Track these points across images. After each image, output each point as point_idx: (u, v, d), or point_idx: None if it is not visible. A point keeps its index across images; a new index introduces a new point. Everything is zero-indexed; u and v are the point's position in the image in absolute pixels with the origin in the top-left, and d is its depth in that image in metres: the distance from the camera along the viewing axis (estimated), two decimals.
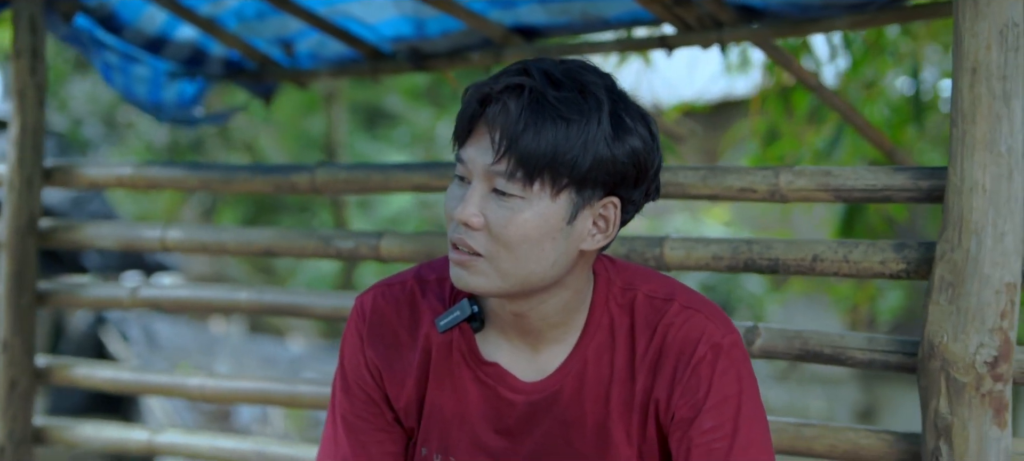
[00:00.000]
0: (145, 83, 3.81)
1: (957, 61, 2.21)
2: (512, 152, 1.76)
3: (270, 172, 3.02)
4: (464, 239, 1.83)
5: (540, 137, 1.75)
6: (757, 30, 2.99)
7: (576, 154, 1.77)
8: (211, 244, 3.08)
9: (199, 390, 3.16)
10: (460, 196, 1.84)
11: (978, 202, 2.18)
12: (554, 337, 1.96)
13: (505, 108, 1.76)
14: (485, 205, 1.81)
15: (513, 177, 1.78)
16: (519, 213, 1.80)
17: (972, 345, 2.20)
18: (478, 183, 1.81)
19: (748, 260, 2.49)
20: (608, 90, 1.82)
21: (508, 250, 1.82)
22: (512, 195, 1.79)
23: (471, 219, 1.81)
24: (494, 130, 1.76)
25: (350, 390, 2.07)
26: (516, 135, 1.75)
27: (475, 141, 1.80)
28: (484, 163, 1.79)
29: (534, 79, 1.77)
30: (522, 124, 1.75)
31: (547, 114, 1.76)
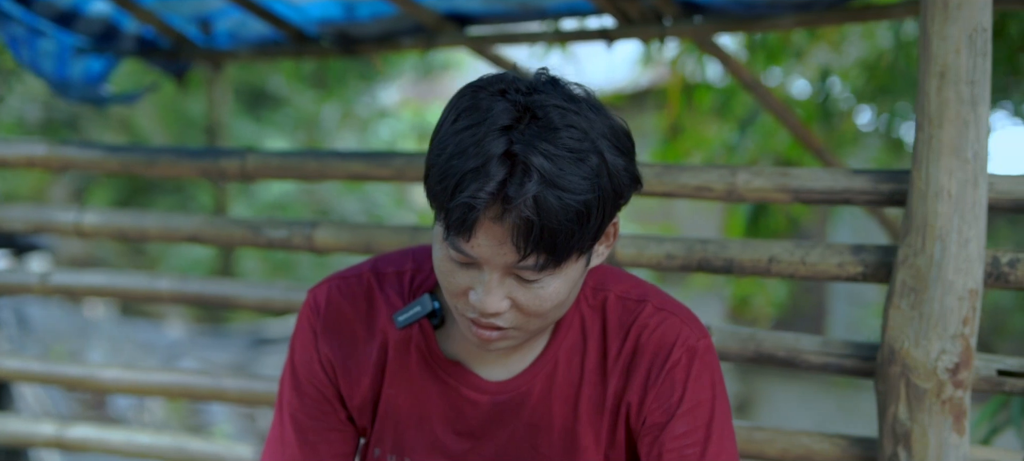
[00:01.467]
0: (51, 58, 3.64)
1: (924, 65, 2.19)
2: (539, 250, 1.62)
3: (198, 156, 2.88)
4: (493, 323, 1.73)
5: (562, 230, 1.61)
6: (698, 26, 2.96)
7: (597, 219, 1.65)
8: (131, 230, 2.93)
9: (115, 383, 3.01)
10: (469, 283, 1.70)
11: (943, 207, 2.17)
12: (530, 340, 1.89)
13: (520, 209, 1.58)
14: (509, 289, 1.70)
15: (542, 269, 1.66)
16: (549, 288, 1.70)
17: (934, 351, 2.19)
18: (495, 273, 1.68)
19: (702, 260, 2.45)
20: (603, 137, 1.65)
21: (541, 317, 1.74)
22: (542, 278, 1.69)
23: (499, 309, 1.70)
24: (513, 233, 1.61)
25: (301, 387, 1.98)
26: (540, 235, 1.60)
27: (485, 238, 1.63)
28: (505, 262, 1.65)
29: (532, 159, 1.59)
30: (540, 225, 1.59)
31: (565, 200, 1.60)
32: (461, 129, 1.62)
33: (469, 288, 1.71)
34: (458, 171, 1.60)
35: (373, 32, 3.34)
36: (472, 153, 1.60)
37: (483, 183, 1.58)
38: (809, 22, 2.84)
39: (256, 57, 3.61)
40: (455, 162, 1.60)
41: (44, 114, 12.83)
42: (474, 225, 1.61)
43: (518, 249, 1.62)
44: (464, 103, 1.66)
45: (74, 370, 3.06)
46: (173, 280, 2.96)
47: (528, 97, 1.64)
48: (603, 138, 1.65)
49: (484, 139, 1.60)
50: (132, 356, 9.52)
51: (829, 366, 2.38)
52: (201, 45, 3.63)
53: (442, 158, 1.63)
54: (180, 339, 11.06)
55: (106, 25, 3.57)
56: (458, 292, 1.72)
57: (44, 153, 3.00)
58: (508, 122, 1.61)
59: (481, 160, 1.59)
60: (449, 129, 1.64)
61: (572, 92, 1.68)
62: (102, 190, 14.09)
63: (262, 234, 2.80)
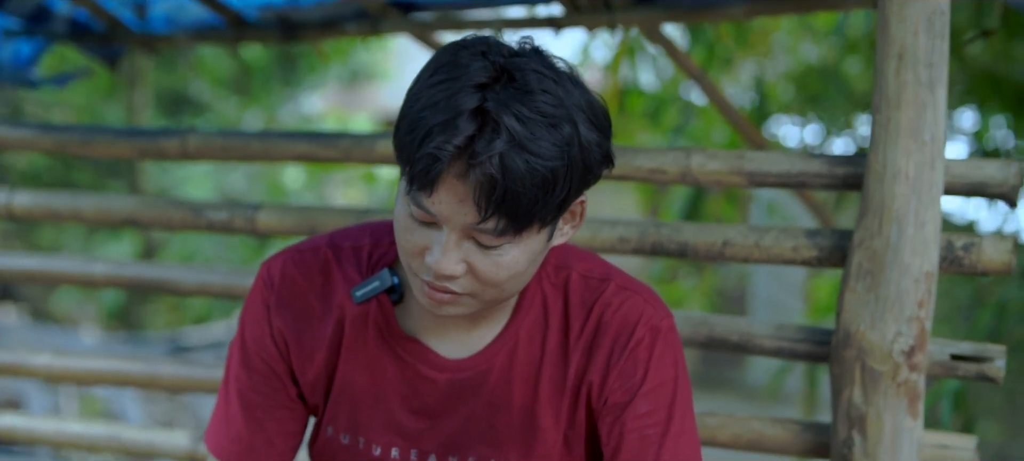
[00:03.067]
0: None
1: (882, 47, 2.19)
2: (499, 214, 1.60)
3: (136, 136, 2.80)
4: (447, 287, 1.69)
5: (526, 194, 1.58)
6: (647, 15, 2.94)
7: (563, 196, 1.63)
8: (64, 211, 2.83)
9: (46, 370, 2.92)
10: (427, 243, 1.67)
11: (900, 189, 2.17)
12: (488, 314, 1.85)
13: (484, 169, 1.56)
14: (466, 253, 1.66)
15: (502, 234, 1.63)
16: (507, 256, 1.67)
17: (890, 334, 2.18)
18: (454, 233, 1.64)
19: (656, 243, 2.43)
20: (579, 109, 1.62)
21: (496, 287, 1.70)
22: (500, 245, 1.65)
23: (454, 272, 1.66)
24: (475, 192, 1.58)
25: (250, 362, 1.93)
26: (501, 198, 1.58)
27: (447, 194, 1.60)
28: (464, 222, 1.62)
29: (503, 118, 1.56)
30: (504, 186, 1.57)
31: (532, 164, 1.57)
32: (435, 83, 1.59)
33: (426, 248, 1.67)
34: (427, 123, 1.57)
35: (315, 17, 3.28)
36: (443, 106, 1.57)
37: (450, 136, 1.56)
38: (760, 11, 2.83)
39: (193, 42, 3.52)
40: (425, 114, 1.58)
41: None
42: (437, 179, 1.58)
43: (479, 209, 1.59)
44: (443, 59, 1.63)
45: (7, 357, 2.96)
46: (109, 264, 2.88)
47: (508, 59, 1.61)
48: (579, 110, 1.62)
49: (457, 94, 1.57)
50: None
51: (782, 350, 2.37)
52: (136, 30, 3.54)
53: (413, 110, 1.60)
54: (94, 346, 10.84)
55: (37, 5, 3.46)
56: (415, 251, 1.69)
57: None
58: (484, 80, 1.58)
59: (451, 114, 1.56)
60: (424, 82, 1.61)
61: (554, 62, 1.65)
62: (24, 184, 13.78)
63: (203, 216, 2.73)
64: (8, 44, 3.58)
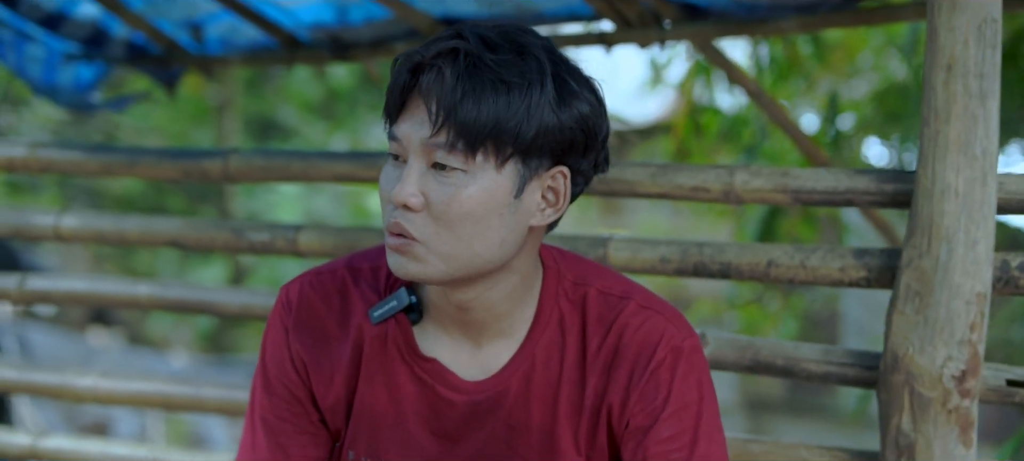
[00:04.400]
0: (39, 63, 3.56)
1: (930, 57, 2.10)
2: (451, 122, 1.60)
3: (179, 156, 2.79)
4: (400, 223, 1.66)
5: (480, 104, 1.60)
6: (699, 29, 2.86)
7: (520, 120, 1.62)
8: (110, 233, 2.84)
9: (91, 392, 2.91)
10: (396, 177, 1.67)
11: (950, 207, 2.06)
12: (499, 331, 1.80)
13: (440, 75, 1.60)
14: (424, 184, 1.65)
15: (454, 149, 1.62)
16: (462, 189, 1.63)
17: (939, 358, 2.08)
18: (415, 160, 1.65)
19: (698, 264, 2.34)
20: (548, 52, 1.66)
21: (451, 230, 1.65)
22: (454, 168, 1.63)
23: (410, 199, 1.64)
24: (429, 100, 1.61)
25: (271, 388, 1.89)
26: (454, 103, 1.60)
27: (409, 115, 1.65)
28: (421, 137, 1.63)
29: (469, 42, 1.62)
30: (460, 91, 1.59)
31: (486, 79, 1.60)
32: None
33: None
34: (405, 60, 1.65)
35: (366, 37, 3.26)
36: (416, 53, 1.65)
37: (421, 54, 1.63)
38: (814, 25, 2.75)
39: (248, 63, 3.52)
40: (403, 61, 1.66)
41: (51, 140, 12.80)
42: (404, 98, 1.65)
43: (433, 120, 1.61)
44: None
45: (50, 378, 2.96)
46: (152, 286, 2.88)
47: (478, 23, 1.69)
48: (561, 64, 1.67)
49: (431, 42, 1.65)
50: None
51: (830, 375, 2.27)
52: (192, 51, 3.55)
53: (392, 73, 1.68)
54: (185, 368, 10.98)
55: (94, 29, 3.49)
56: (387, 197, 1.69)
57: (24, 154, 2.92)
58: (457, 32, 1.64)
59: (423, 48, 1.64)
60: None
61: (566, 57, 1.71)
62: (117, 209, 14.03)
63: (244, 237, 2.71)
64: (68, 68, 3.61)
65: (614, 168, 2.41)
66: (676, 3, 2.82)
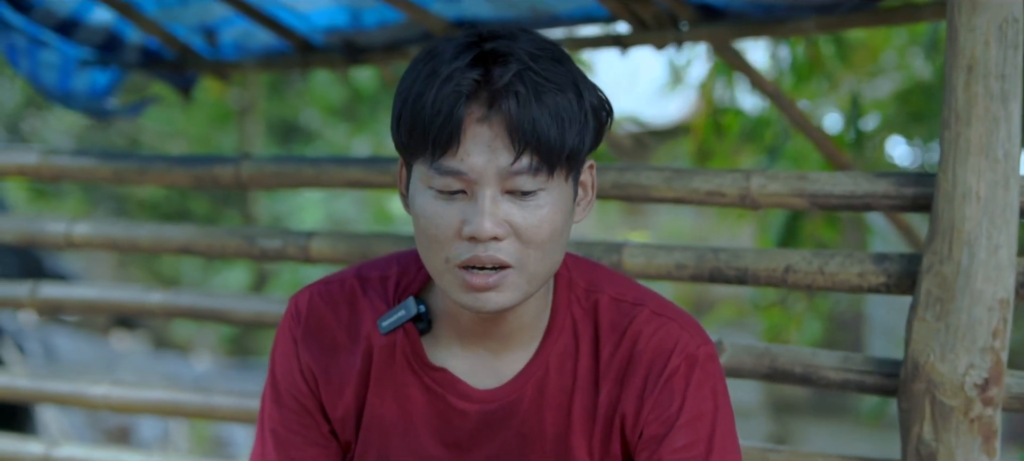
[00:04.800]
0: (54, 70, 3.54)
1: (950, 58, 2.05)
2: (532, 147, 1.56)
3: (190, 163, 2.77)
4: (495, 256, 1.61)
5: (554, 122, 1.56)
6: (716, 30, 2.82)
7: (581, 129, 1.60)
8: (122, 240, 2.82)
9: (103, 400, 2.89)
10: (459, 211, 1.61)
11: (971, 211, 2.02)
12: (515, 340, 1.77)
13: (508, 95, 1.54)
14: (504, 211, 1.60)
15: (537, 173, 1.58)
16: (545, 208, 1.61)
17: (961, 366, 2.03)
18: (488, 190, 1.59)
19: (714, 269, 2.31)
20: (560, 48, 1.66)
21: (540, 251, 1.63)
22: (536, 191, 1.60)
23: (498, 231, 1.60)
24: (505, 126, 1.55)
25: (281, 399, 1.87)
26: (532, 127, 1.55)
27: (474, 145, 1.57)
28: (498, 166, 1.57)
29: (519, 58, 1.56)
30: (535, 112, 1.55)
31: (553, 97, 1.56)
32: (425, 62, 1.59)
33: (461, 223, 1.60)
34: (434, 83, 1.56)
35: (380, 40, 3.23)
36: (444, 69, 1.56)
37: (463, 79, 1.55)
38: (832, 25, 2.70)
39: (262, 68, 3.51)
40: (429, 80, 1.57)
41: (77, 145, 12.85)
42: (460, 128, 1.56)
43: (511, 146, 1.55)
44: (422, 53, 1.62)
45: (63, 386, 2.95)
46: (165, 293, 2.85)
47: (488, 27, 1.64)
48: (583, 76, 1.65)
49: (454, 56, 1.57)
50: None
51: (849, 383, 2.23)
52: (207, 56, 3.53)
53: (410, 97, 1.58)
54: (208, 372, 10.98)
55: (108, 35, 3.48)
56: (448, 235, 1.61)
57: (35, 161, 2.90)
58: (472, 40, 1.59)
59: (455, 67, 1.56)
60: (413, 72, 1.60)
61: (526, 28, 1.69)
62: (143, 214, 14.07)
63: (256, 244, 2.69)
64: (83, 74, 3.59)
65: (628, 172, 2.38)
66: (692, 4, 2.78)
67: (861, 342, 9.97)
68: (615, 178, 2.37)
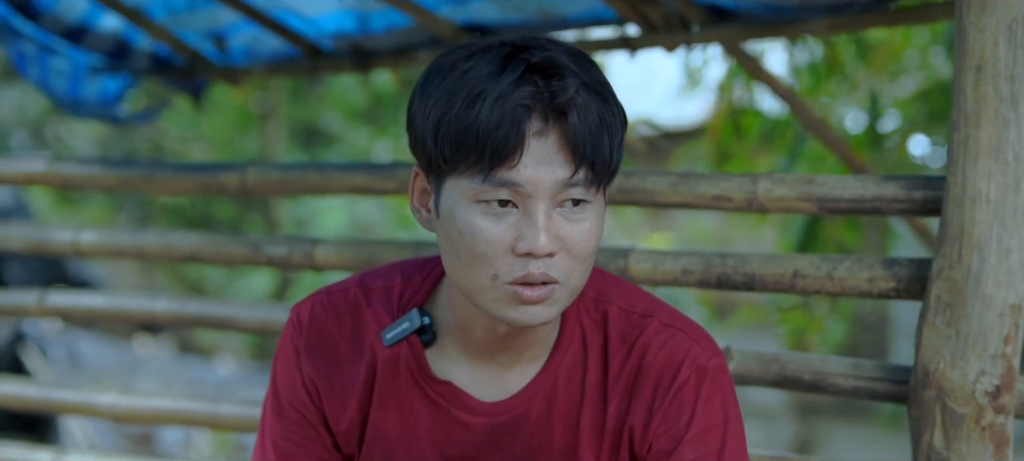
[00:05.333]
0: (64, 77, 3.54)
1: (959, 59, 2.01)
2: (587, 161, 1.54)
3: (195, 171, 2.76)
4: (547, 273, 1.58)
5: (607, 135, 1.55)
6: (726, 32, 2.78)
7: (622, 140, 1.60)
8: (128, 248, 2.81)
9: (111, 409, 2.88)
10: (513, 233, 1.57)
11: (981, 214, 1.98)
12: (528, 353, 1.74)
13: (570, 110, 1.52)
14: (556, 228, 1.58)
15: (590, 186, 1.57)
16: (589, 221, 1.60)
17: (972, 373, 1.99)
18: (542, 204, 1.56)
19: (721, 275, 2.27)
20: None
21: (583, 264, 1.61)
22: (585, 202, 1.59)
23: (553, 247, 1.57)
24: (564, 141, 1.53)
25: (282, 411, 1.84)
26: (589, 141, 1.53)
27: (532, 158, 1.53)
28: (556, 179, 1.54)
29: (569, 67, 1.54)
30: (593, 126, 1.54)
31: (604, 107, 1.55)
32: (460, 77, 1.53)
33: (515, 239, 1.56)
34: (484, 101, 1.51)
35: (388, 45, 3.21)
36: (494, 86, 1.51)
37: (520, 88, 1.51)
38: (843, 26, 2.66)
39: (272, 74, 3.49)
40: (476, 99, 1.51)
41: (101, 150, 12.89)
42: (522, 142, 1.52)
43: (570, 160, 1.53)
44: (449, 60, 1.57)
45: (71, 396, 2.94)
46: (171, 301, 2.84)
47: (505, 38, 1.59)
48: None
49: (500, 71, 1.52)
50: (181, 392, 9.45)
51: (859, 390, 2.19)
52: (217, 62, 3.52)
53: (454, 108, 1.52)
54: (231, 376, 10.99)
55: (117, 42, 3.47)
56: (500, 250, 1.57)
57: (42, 169, 2.90)
58: (510, 50, 1.54)
59: (508, 80, 1.51)
60: (445, 88, 1.54)
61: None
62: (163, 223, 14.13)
63: (262, 252, 2.68)
64: (93, 81, 3.58)
65: (634, 177, 2.35)
66: (702, 6, 2.74)
67: (885, 344, 9.89)
68: (621, 183, 2.34)
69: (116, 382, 9.07)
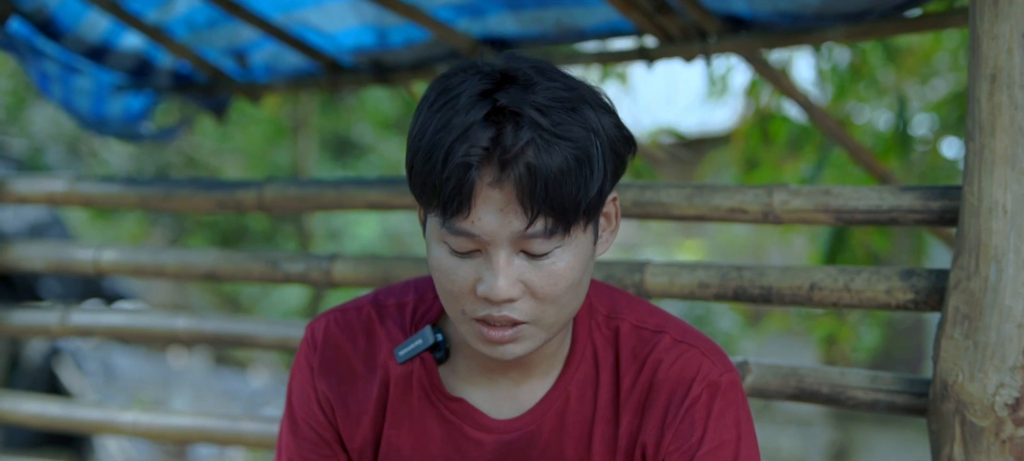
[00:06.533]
0: (87, 96, 3.56)
1: (974, 68, 1.98)
2: (545, 210, 1.50)
3: (213, 188, 2.76)
4: (508, 316, 1.57)
5: (569, 182, 1.49)
6: (744, 41, 2.76)
7: (598, 179, 1.53)
8: (148, 266, 2.82)
9: (133, 426, 2.89)
10: (474, 275, 1.56)
11: (998, 224, 1.95)
12: (539, 370, 1.74)
13: (519, 161, 1.47)
14: (518, 271, 1.55)
15: (552, 235, 1.53)
16: (560, 263, 1.56)
17: (991, 385, 1.96)
18: (502, 252, 1.54)
19: (738, 288, 2.25)
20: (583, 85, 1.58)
21: (556, 303, 1.59)
22: (552, 250, 1.55)
23: (512, 293, 1.55)
24: (516, 191, 1.48)
25: (297, 429, 1.84)
26: (545, 191, 1.48)
27: (486, 208, 1.51)
28: (511, 230, 1.52)
29: (527, 114, 1.48)
30: (548, 175, 1.48)
31: (564, 153, 1.48)
32: (438, 109, 1.51)
33: (475, 281, 1.56)
34: (444, 143, 1.48)
35: (407, 59, 3.21)
36: (456, 123, 1.48)
37: (475, 141, 1.47)
38: (860, 34, 2.63)
39: (293, 89, 3.50)
40: (439, 136, 1.48)
41: (135, 166, 12.98)
42: (472, 193, 1.49)
43: (525, 211, 1.49)
44: (435, 91, 1.54)
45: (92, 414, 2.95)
46: (191, 319, 2.85)
47: (504, 65, 1.54)
48: (588, 92, 1.56)
49: (464, 109, 1.48)
50: (214, 405, 9.49)
51: (878, 403, 2.17)
52: (238, 79, 3.53)
53: (424, 141, 1.51)
54: (264, 387, 11.03)
55: (139, 60, 3.49)
56: (463, 290, 1.57)
57: (64, 189, 2.91)
58: (487, 86, 1.50)
59: (467, 124, 1.47)
60: (425, 116, 1.52)
61: (544, 61, 1.59)
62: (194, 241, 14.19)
63: (280, 269, 2.68)
64: (116, 99, 3.60)
65: (648, 190, 2.33)
66: (719, 16, 2.72)
67: (921, 350, 9.79)
68: (635, 196, 2.33)
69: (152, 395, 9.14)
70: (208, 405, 9.39)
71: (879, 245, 5.51)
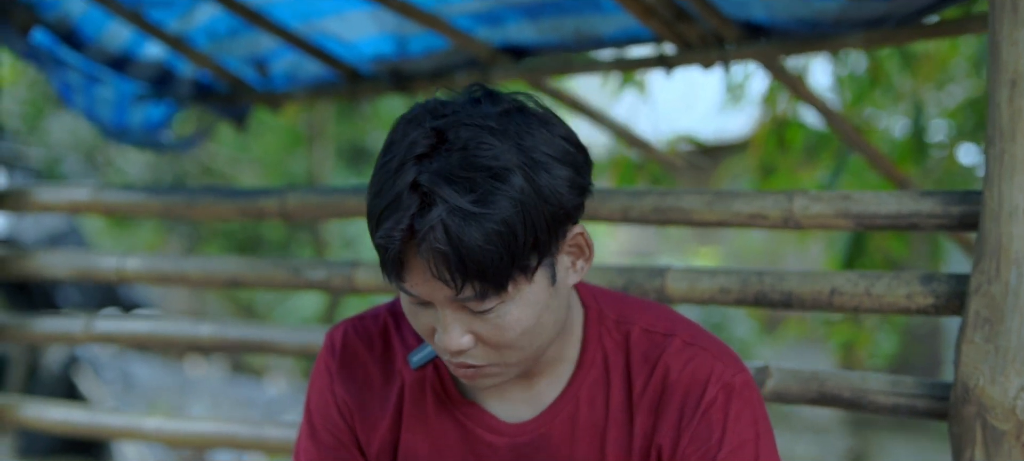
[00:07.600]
0: (109, 105, 3.59)
1: (993, 73, 1.99)
2: (470, 277, 1.50)
3: (236, 196, 2.78)
4: (465, 362, 1.62)
5: (487, 254, 1.48)
6: (762, 48, 2.77)
7: (530, 234, 1.51)
8: (172, 274, 2.84)
9: (157, 433, 2.91)
10: (431, 323, 1.61)
11: (1018, 229, 1.95)
12: (550, 374, 1.75)
13: (430, 241, 1.48)
14: (468, 324, 1.58)
15: (484, 297, 1.54)
16: (507, 316, 1.58)
17: (1012, 388, 1.97)
18: (448, 309, 1.57)
19: (759, 293, 2.26)
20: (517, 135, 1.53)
21: (513, 347, 1.61)
22: (493, 307, 1.56)
23: (463, 346, 1.59)
24: (433, 266, 1.50)
25: (317, 434, 1.86)
26: (463, 266, 1.49)
27: (416, 275, 1.53)
28: (445, 295, 1.54)
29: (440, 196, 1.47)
30: (460, 251, 1.48)
31: (482, 227, 1.47)
32: (382, 165, 1.54)
33: (433, 328, 1.61)
34: (377, 210, 1.52)
35: (426, 68, 3.23)
36: (387, 190, 1.50)
37: (397, 220, 1.49)
38: (878, 41, 2.64)
39: (313, 98, 3.52)
40: (376, 201, 1.52)
41: (153, 175, 13.02)
42: (400, 264, 1.53)
43: (446, 282, 1.50)
44: (394, 134, 1.56)
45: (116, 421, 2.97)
46: (214, 326, 2.87)
47: (445, 120, 1.52)
48: (531, 152, 1.52)
49: (397, 173, 1.50)
50: (231, 412, 9.52)
51: (899, 407, 2.17)
52: (258, 88, 3.55)
53: (370, 194, 1.54)
54: (281, 395, 11.06)
55: (161, 69, 3.51)
56: (426, 332, 1.63)
57: (87, 197, 2.94)
58: (422, 150, 1.50)
59: (393, 195, 1.49)
60: (374, 170, 1.55)
61: (503, 107, 1.55)
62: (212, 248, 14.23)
63: (302, 275, 2.70)
64: (138, 109, 3.63)
65: (669, 196, 2.34)
66: (737, 23, 2.74)
67: (938, 356, 9.78)
68: (656, 203, 2.34)
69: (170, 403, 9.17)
70: (225, 413, 9.41)
71: (897, 250, 5.50)
